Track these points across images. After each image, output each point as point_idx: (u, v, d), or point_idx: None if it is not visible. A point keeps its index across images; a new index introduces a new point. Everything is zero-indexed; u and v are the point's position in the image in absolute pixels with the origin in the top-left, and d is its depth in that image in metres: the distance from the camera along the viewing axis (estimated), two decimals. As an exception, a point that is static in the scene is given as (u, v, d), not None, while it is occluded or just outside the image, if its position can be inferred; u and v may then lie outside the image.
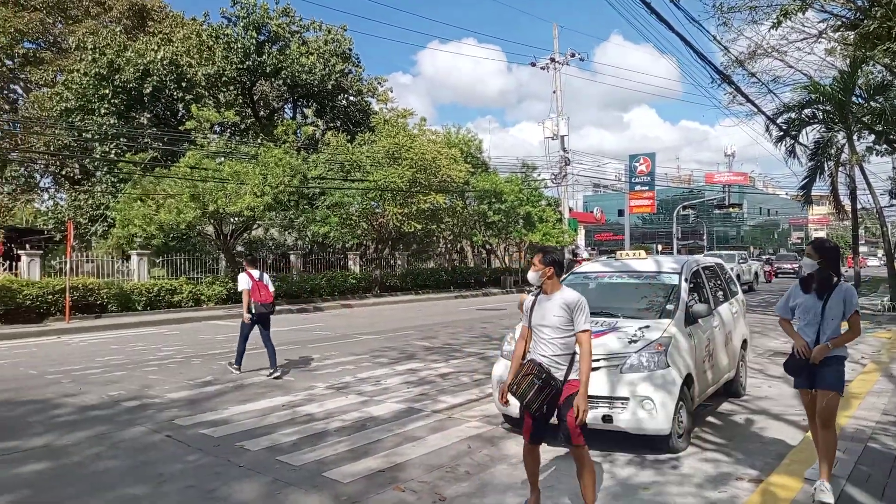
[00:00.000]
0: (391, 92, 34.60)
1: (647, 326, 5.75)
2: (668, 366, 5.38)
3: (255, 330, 9.36)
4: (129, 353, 11.57)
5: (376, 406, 7.23)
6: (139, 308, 17.94)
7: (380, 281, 25.66)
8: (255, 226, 25.39)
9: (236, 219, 21.72)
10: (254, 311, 9.19)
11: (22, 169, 28.80)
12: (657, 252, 50.76)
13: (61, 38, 28.43)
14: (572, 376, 4.00)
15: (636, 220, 72.05)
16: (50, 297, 16.08)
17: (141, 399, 7.73)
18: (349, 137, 26.34)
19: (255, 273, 9.37)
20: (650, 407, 5.18)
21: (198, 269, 21.38)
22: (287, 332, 14.58)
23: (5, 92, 29.01)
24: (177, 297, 18.85)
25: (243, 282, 9.28)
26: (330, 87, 30.42)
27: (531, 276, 4.17)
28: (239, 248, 23.69)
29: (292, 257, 25.26)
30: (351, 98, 33.79)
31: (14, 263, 18.25)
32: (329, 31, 31.69)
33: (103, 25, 27.93)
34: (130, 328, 15.79)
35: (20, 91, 29.94)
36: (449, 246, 34.78)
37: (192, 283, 19.84)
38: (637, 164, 42.50)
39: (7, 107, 28.11)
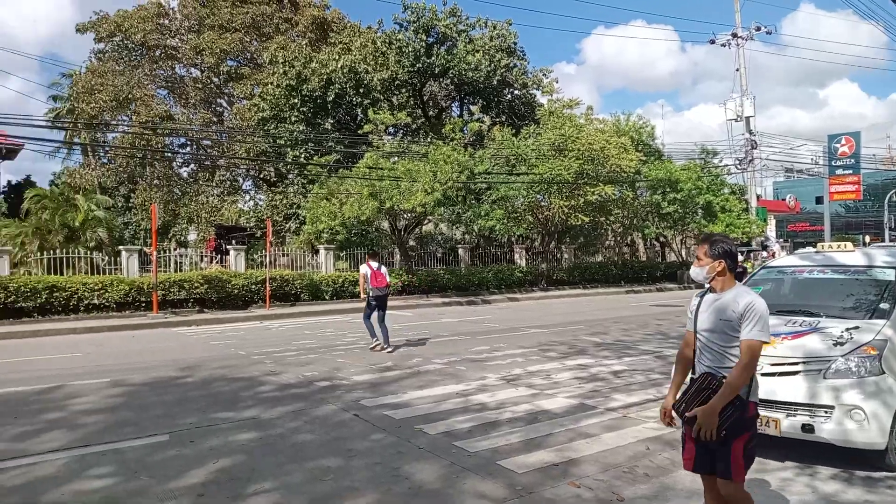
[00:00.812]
0: (556, 83, 34.12)
1: (857, 327, 5.11)
2: (884, 372, 4.74)
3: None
4: (319, 338, 12.73)
5: (547, 400, 7.21)
6: (326, 297, 19.66)
7: (546, 274, 25.52)
8: (426, 221, 26.48)
9: (409, 214, 22.87)
10: (372, 294, 10.90)
11: (228, 173, 32.76)
12: (864, 244, 44.83)
13: (257, 55, 31.73)
14: (750, 397, 3.27)
15: (837, 209, 64.07)
16: (253, 286, 18.16)
17: (331, 380, 8.46)
18: (514, 131, 26.44)
19: (375, 264, 11.14)
20: (860, 417, 4.60)
21: (375, 262, 22.79)
22: (457, 324, 15.09)
23: (213, 106, 33.09)
24: (358, 287, 20.24)
25: (362, 271, 11.28)
26: (495, 82, 30.74)
27: (694, 271, 3.49)
28: (411, 243, 24.87)
29: (460, 251, 26.01)
30: (516, 92, 33.84)
31: (223, 257, 20.87)
32: (494, 27, 31.98)
33: (291, 40, 30.73)
34: (320, 315, 17.32)
35: (225, 104, 33.97)
36: (619, 239, 33.59)
37: (371, 274, 21.22)
38: (838, 146, 37.79)
39: (215, 119, 32.05)
